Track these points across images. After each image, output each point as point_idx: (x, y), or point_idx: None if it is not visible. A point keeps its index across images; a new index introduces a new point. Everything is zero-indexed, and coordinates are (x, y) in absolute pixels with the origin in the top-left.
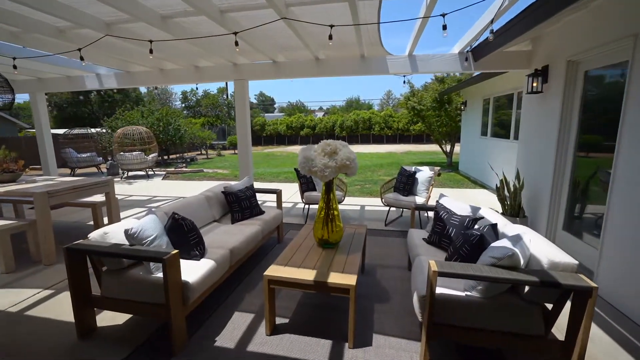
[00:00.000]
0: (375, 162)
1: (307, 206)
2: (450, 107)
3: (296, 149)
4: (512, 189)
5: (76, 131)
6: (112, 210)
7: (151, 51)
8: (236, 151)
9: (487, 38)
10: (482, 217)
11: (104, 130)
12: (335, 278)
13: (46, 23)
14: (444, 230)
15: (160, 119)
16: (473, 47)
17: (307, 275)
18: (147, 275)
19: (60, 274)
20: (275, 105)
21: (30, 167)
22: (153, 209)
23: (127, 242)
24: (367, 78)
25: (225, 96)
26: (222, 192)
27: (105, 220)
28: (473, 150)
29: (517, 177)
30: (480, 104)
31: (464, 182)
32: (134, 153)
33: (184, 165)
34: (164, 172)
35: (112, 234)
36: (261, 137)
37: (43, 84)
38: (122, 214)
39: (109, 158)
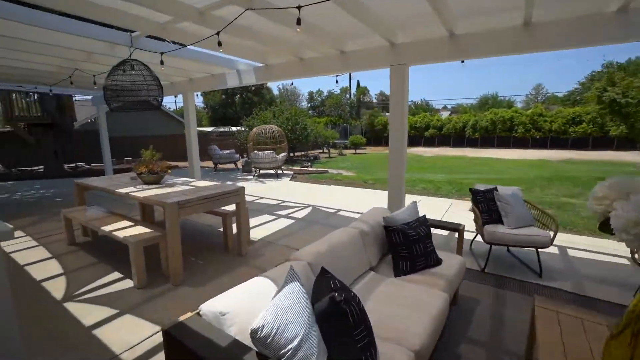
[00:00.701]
0: (534, 173)
1: (488, 246)
2: None
3: (419, 150)
4: None
5: (221, 129)
6: (242, 222)
7: (299, 21)
8: (357, 151)
9: None
10: None
11: (243, 129)
12: None
13: (188, 5)
14: None
15: (290, 119)
16: None
17: None
18: None
19: (180, 305)
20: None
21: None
22: (291, 262)
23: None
24: (507, 70)
25: (348, 96)
26: (384, 226)
27: (234, 227)
28: None
29: None
30: None
31: None
32: (266, 152)
33: (309, 164)
34: (292, 172)
35: (233, 315)
36: (382, 137)
37: (192, 84)
38: (252, 221)
39: (244, 155)
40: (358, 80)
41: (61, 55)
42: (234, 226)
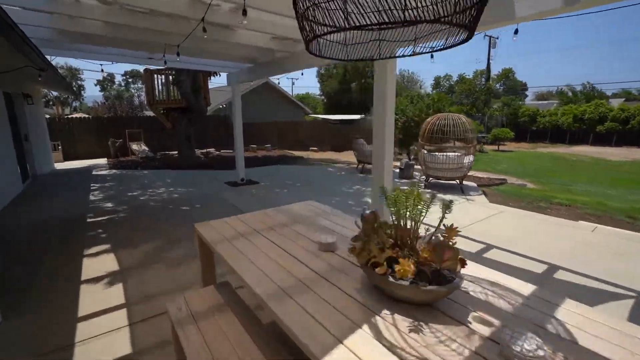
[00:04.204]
0: None
1: None
2: None
3: (590, 150)
4: None
5: (340, 117)
6: None
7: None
8: (500, 147)
9: None
10: None
11: (371, 118)
12: None
13: None
14: None
15: (431, 106)
16: None
17: None
18: None
19: None
20: (527, 92)
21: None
22: None
23: None
24: None
25: (484, 80)
26: None
27: None
28: None
29: None
30: None
31: None
32: (449, 154)
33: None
34: (475, 185)
35: None
36: (528, 130)
37: None
38: None
39: (400, 154)
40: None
41: None
42: None
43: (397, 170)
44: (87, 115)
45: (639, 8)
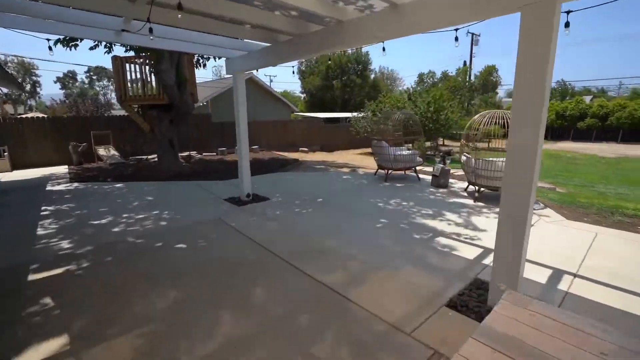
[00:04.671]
0: None
1: None
2: None
3: (575, 146)
4: None
5: (332, 115)
6: None
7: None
8: (498, 144)
9: None
10: None
11: (363, 114)
12: None
13: None
14: None
15: (431, 104)
16: None
17: None
18: None
19: None
20: (501, 88)
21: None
22: None
23: None
24: None
25: (468, 77)
26: None
27: None
28: None
29: None
30: None
31: None
32: (499, 161)
33: (443, 159)
34: (542, 206)
35: None
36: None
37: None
38: None
39: (437, 158)
40: (465, 61)
41: None
42: None
43: (430, 178)
44: (43, 115)
45: (596, 12)
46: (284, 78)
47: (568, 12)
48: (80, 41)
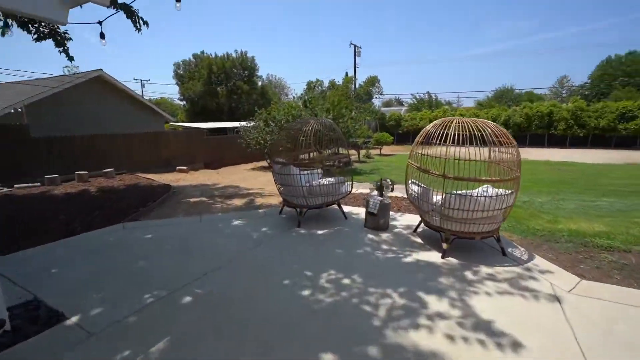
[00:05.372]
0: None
1: None
2: None
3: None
4: None
5: (216, 125)
6: None
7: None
8: (382, 152)
9: None
10: None
11: (252, 124)
12: None
13: None
14: None
15: (330, 110)
16: None
17: None
18: None
19: None
20: (380, 97)
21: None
22: None
23: None
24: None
25: (353, 87)
26: None
27: None
28: None
29: None
30: None
31: None
32: (482, 197)
33: (380, 187)
34: (503, 235)
35: None
36: (395, 133)
37: None
38: None
39: (371, 185)
40: (347, 72)
41: None
42: None
43: (357, 212)
44: None
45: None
46: (165, 80)
47: None
48: None
